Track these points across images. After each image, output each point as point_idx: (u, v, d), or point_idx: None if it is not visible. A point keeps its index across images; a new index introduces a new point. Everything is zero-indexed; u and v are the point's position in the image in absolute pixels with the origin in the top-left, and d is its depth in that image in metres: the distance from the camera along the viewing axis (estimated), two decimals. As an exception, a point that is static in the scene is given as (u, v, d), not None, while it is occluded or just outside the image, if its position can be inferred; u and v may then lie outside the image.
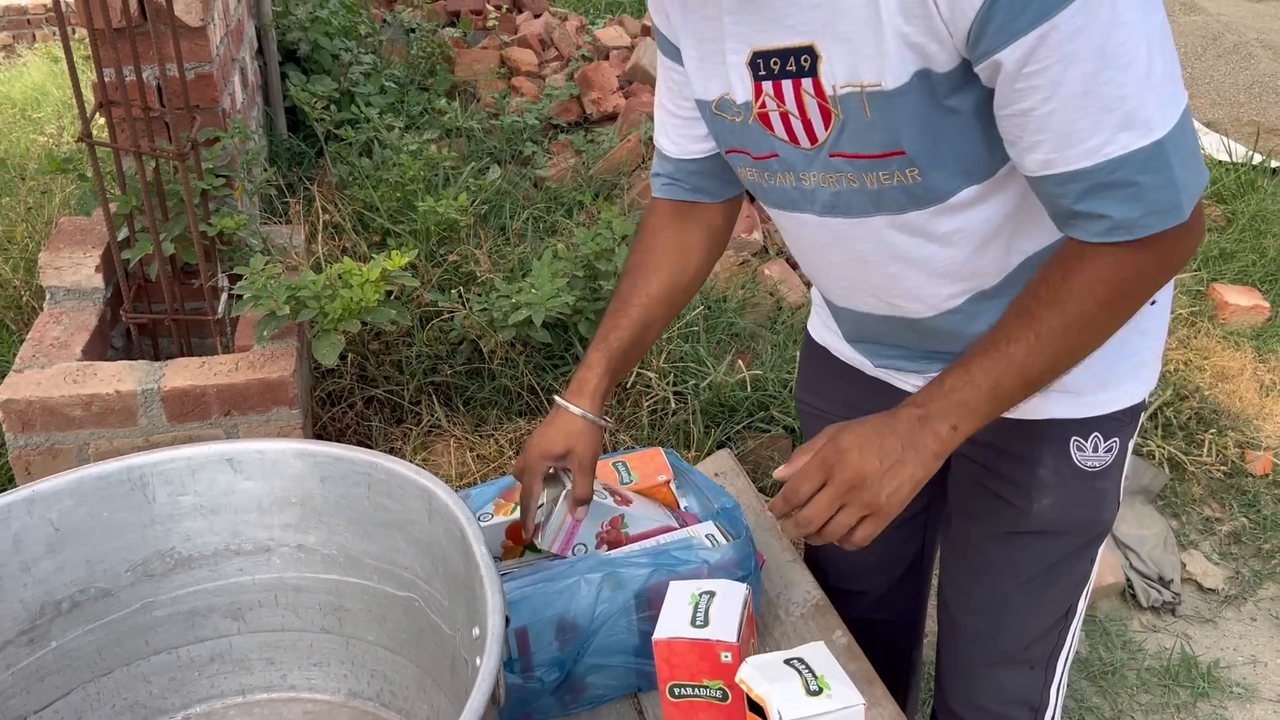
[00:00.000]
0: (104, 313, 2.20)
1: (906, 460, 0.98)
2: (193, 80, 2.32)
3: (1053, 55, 0.84)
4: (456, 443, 2.32)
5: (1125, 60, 0.84)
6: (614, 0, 5.75)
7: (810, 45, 0.97)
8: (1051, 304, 0.96)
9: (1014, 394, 0.99)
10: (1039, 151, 0.91)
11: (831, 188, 1.05)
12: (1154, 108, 0.86)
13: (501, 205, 3.28)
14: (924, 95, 0.93)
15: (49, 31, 6.29)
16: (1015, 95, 0.89)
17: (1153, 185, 0.89)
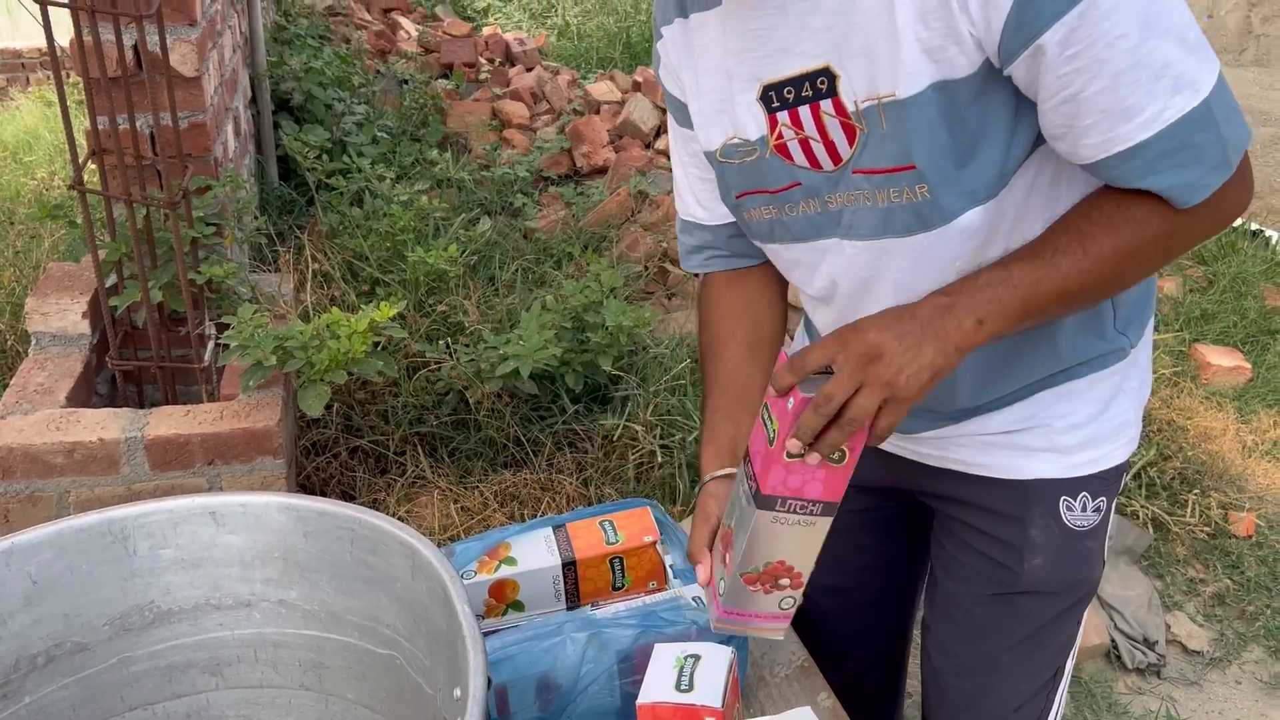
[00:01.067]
0: (89, 359, 2.19)
1: (926, 343, 0.94)
2: (186, 129, 2.34)
3: (1094, 32, 0.85)
4: (441, 494, 2.31)
5: (1164, 26, 0.86)
6: (605, 56, 5.83)
7: (826, 67, 0.97)
8: (1105, 226, 0.96)
9: (1047, 305, 0.97)
10: (1093, 135, 0.91)
11: (849, 207, 1.04)
12: (1197, 68, 0.88)
13: (491, 256, 3.30)
14: (939, 108, 0.93)
15: (43, 75, 6.33)
16: (1060, 81, 0.88)
17: (1207, 143, 0.90)
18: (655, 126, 4.48)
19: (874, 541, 1.40)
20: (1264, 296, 3.81)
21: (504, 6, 6.74)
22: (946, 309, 0.96)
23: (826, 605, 1.44)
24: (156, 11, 2.06)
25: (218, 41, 2.69)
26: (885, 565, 1.43)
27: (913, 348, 0.94)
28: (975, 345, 0.96)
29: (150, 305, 2.14)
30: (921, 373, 0.94)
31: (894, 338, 0.94)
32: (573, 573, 1.30)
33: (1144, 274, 1.00)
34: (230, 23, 3.05)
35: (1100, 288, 0.99)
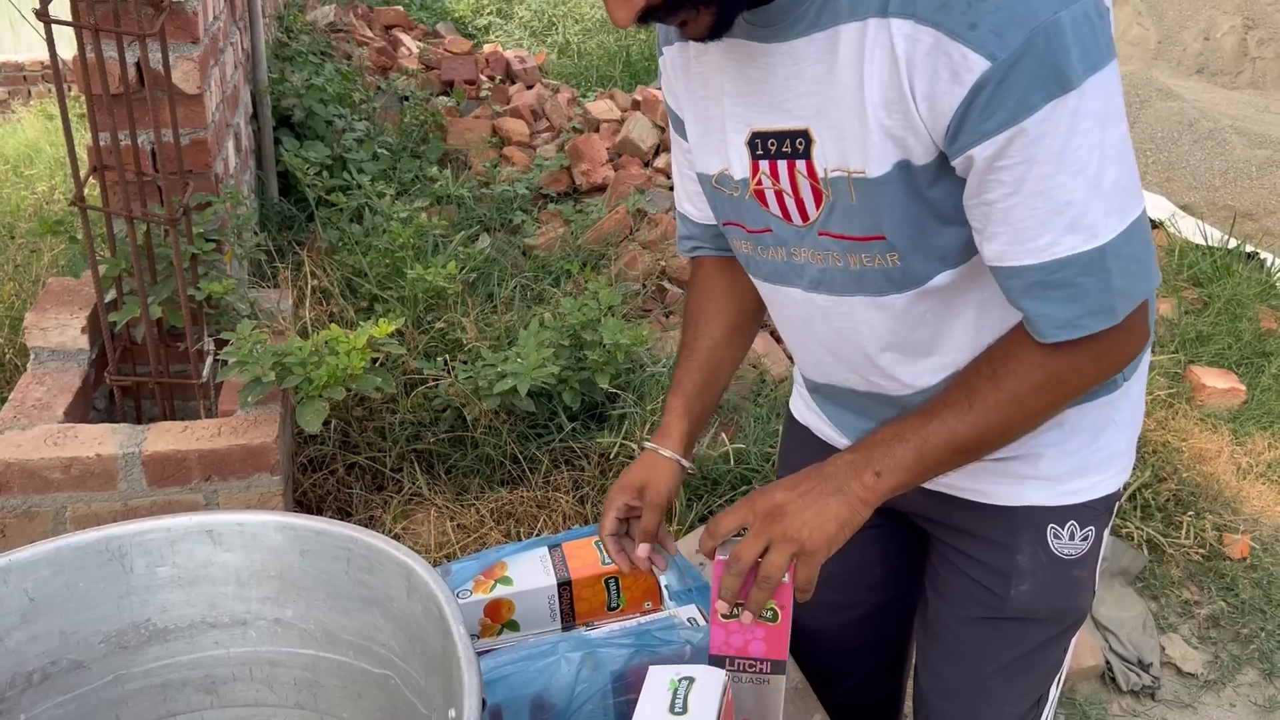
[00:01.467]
0: (88, 374, 2.20)
1: (828, 497, 1.02)
2: (187, 145, 2.35)
3: (1018, 155, 0.90)
4: (437, 511, 2.31)
5: (1077, 168, 0.89)
6: (605, 74, 5.86)
7: (805, 129, 1.01)
8: (989, 379, 1.02)
9: (940, 456, 1.03)
10: (996, 242, 0.96)
11: (819, 264, 1.09)
12: (1099, 215, 0.91)
13: (490, 273, 3.31)
14: (905, 185, 0.97)
15: (45, 89, 6.35)
16: (983, 186, 0.93)
17: (1091, 288, 0.94)
18: (654, 145, 4.50)
19: (873, 560, 1.41)
20: (1259, 319, 3.83)
21: (505, 24, 6.78)
22: (850, 465, 1.03)
23: (824, 622, 1.44)
24: (160, 30, 2.07)
25: (220, 59, 2.71)
26: (884, 584, 1.44)
27: (815, 503, 1.02)
28: (880, 495, 1.03)
29: (149, 321, 2.15)
30: (826, 525, 1.01)
31: (797, 496, 1.03)
32: (568, 593, 1.31)
33: (1034, 423, 1.04)
34: (232, 40, 3.06)
35: (992, 435, 1.03)
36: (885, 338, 1.11)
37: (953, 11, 0.86)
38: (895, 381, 1.15)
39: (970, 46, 0.86)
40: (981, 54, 0.86)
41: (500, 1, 6.98)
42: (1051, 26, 0.85)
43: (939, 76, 0.89)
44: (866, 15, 0.92)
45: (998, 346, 1.04)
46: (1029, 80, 0.86)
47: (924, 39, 0.88)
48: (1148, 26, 8.26)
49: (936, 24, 0.87)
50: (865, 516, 1.03)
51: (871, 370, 1.15)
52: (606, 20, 6.50)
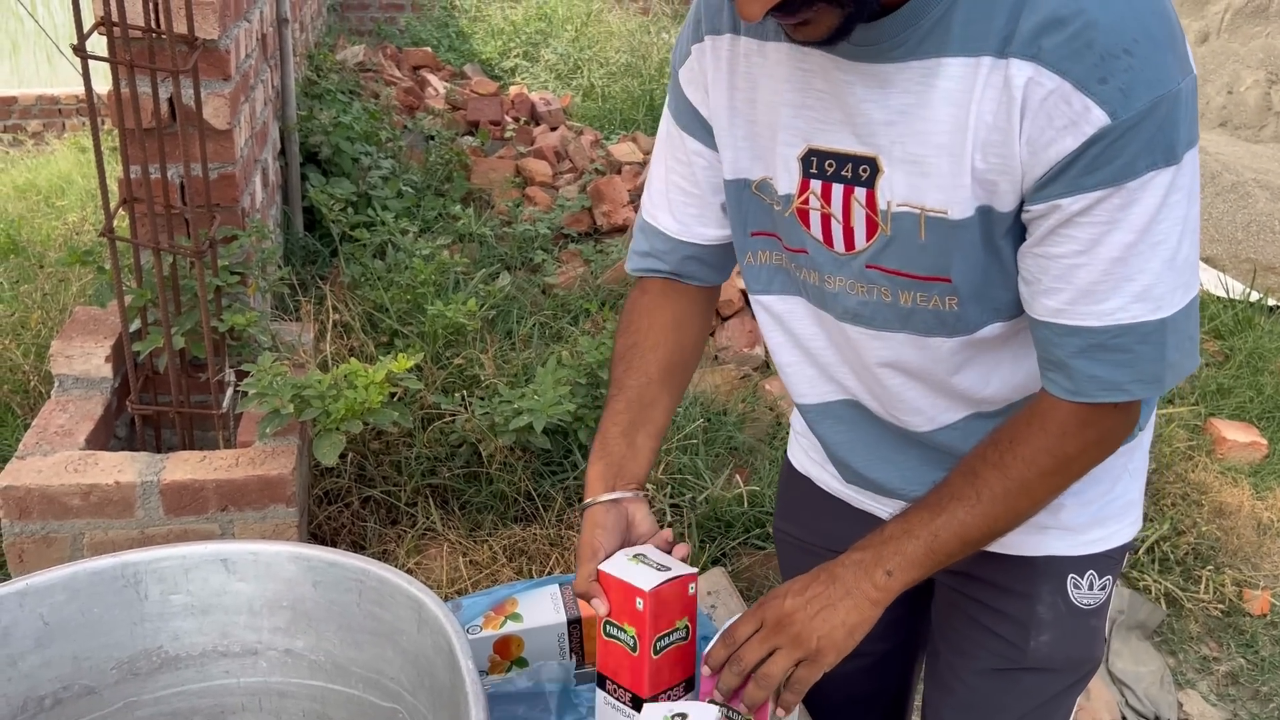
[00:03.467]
0: (110, 402, 2.22)
1: (838, 603, 1.01)
2: (215, 180, 2.39)
3: (1103, 216, 0.90)
4: (450, 547, 2.31)
5: (1159, 239, 0.90)
6: (629, 117, 5.92)
7: (874, 157, 0.98)
8: (996, 467, 1.00)
9: (951, 549, 1.01)
10: (1054, 298, 0.95)
11: (860, 296, 1.06)
12: (1168, 289, 0.92)
13: (509, 311, 3.34)
14: (982, 231, 0.97)
15: (78, 121, 6.47)
16: (1053, 238, 0.92)
17: (1146, 356, 0.94)
18: (676, 187, 4.53)
19: None
20: (1280, 372, 3.80)
21: (531, 67, 6.87)
22: (859, 565, 1.02)
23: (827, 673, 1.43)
24: (193, 67, 2.12)
25: (250, 95, 2.76)
26: (888, 633, 1.41)
27: (824, 609, 1.01)
28: (892, 595, 1.02)
29: (172, 351, 2.17)
30: (835, 633, 1.01)
31: (806, 602, 1.02)
32: (578, 631, 1.31)
33: (1038, 507, 1.03)
34: (263, 77, 3.12)
35: (1000, 524, 1.02)
36: (918, 374, 1.10)
37: (1083, 63, 0.86)
38: (919, 417, 1.14)
39: (1095, 100, 0.86)
40: (1105, 109, 0.86)
41: (527, 45, 7.08)
42: (1173, 97, 0.86)
43: (1053, 123, 0.88)
44: (980, 53, 0.90)
45: (1003, 432, 1.02)
46: (1141, 145, 0.87)
47: (1046, 84, 0.87)
48: (1170, 79, 8.26)
49: (1063, 72, 0.86)
50: (876, 618, 1.02)
51: (894, 404, 1.14)
52: (631, 65, 6.58)
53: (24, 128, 6.33)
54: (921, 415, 1.14)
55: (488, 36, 7.24)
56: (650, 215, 1.22)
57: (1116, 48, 0.85)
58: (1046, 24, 0.86)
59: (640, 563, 1.14)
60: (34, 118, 6.45)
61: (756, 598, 2.37)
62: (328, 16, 6.84)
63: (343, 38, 6.37)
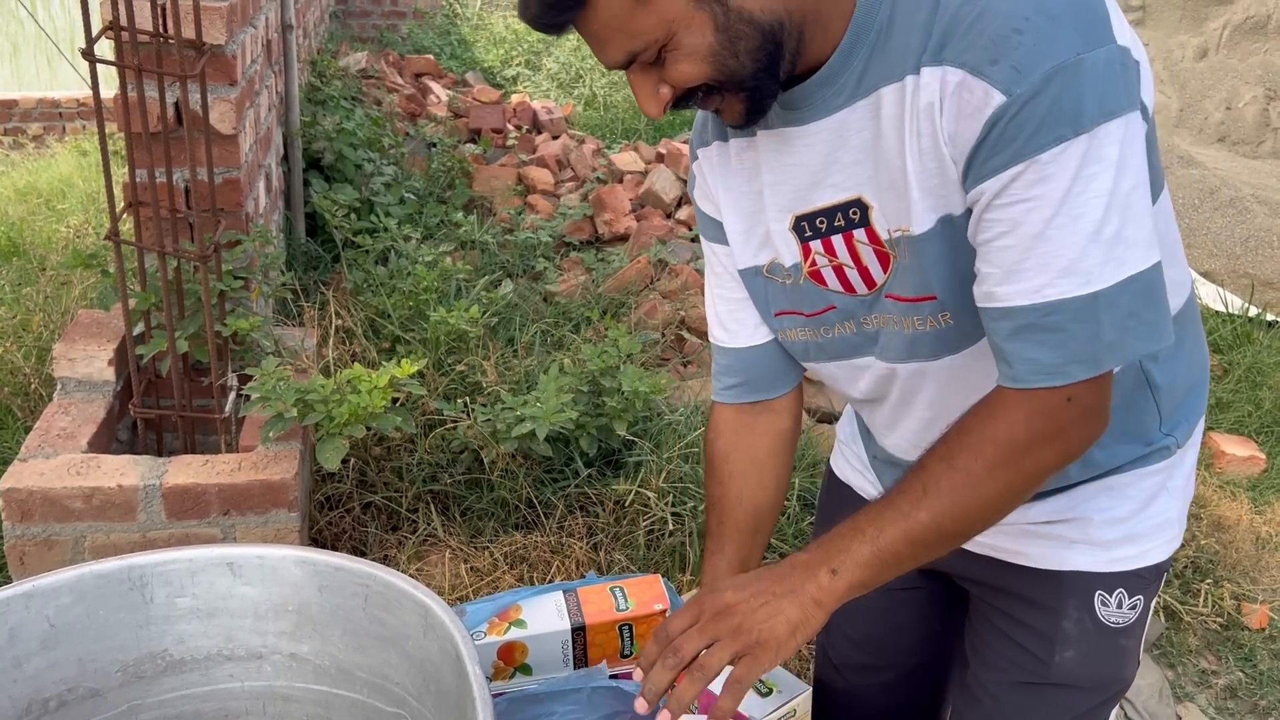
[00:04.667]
0: (112, 406, 2.22)
1: (782, 599, 0.97)
2: (220, 184, 2.39)
3: (1020, 194, 0.90)
4: (451, 554, 2.31)
5: (1079, 212, 0.89)
6: (630, 127, 5.93)
7: (858, 198, 1.02)
8: (943, 459, 0.97)
9: (898, 549, 0.97)
10: (986, 283, 0.95)
11: (885, 329, 1.09)
12: (1096, 263, 0.90)
13: (511, 318, 3.34)
14: (947, 239, 0.98)
15: (80, 125, 6.47)
16: (982, 225, 0.93)
17: (1079, 336, 0.91)
18: (677, 197, 4.54)
19: (911, 622, 1.39)
20: (1279, 387, 3.81)
21: (533, 75, 6.89)
22: (804, 565, 0.99)
23: (857, 684, 1.42)
24: (200, 72, 2.12)
25: (255, 101, 2.77)
26: (920, 646, 1.41)
27: (767, 604, 0.97)
28: (837, 596, 0.97)
29: (175, 355, 2.17)
30: (776, 628, 0.96)
31: (749, 596, 0.98)
32: (582, 638, 1.31)
33: (992, 510, 0.98)
34: (267, 83, 3.13)
35: (948, 526, 0.97)
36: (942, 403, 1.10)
37: (976, 50, 0.88)
38: None
39: (990, 81, 0.88)
40: (999, 89, 0.87)
41: (529, 53, 7.10)
42: (1072, 67, 0.86)
43: (962, 113, 0.90)
44: (904, 74, 0.94)
45: (953, 427, 1.00)
46: (1041, 118, 0.87)
47: (950, 79, 0.90)
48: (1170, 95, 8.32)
49: (962, 64, 0.89)
50: (820, 620, 0.97)
51: (924, 438, 1.13)
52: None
53: (24, 131, 6.33)
54: None
55: (490, 45, 7.26)
56: (713, 337, 1.26)
57: (1007, 29, 0.87)
58: (947, 28, 0.90)
59: None
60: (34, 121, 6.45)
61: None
62: (330, 23, 6.85)
63: (345, 44, 6.38)
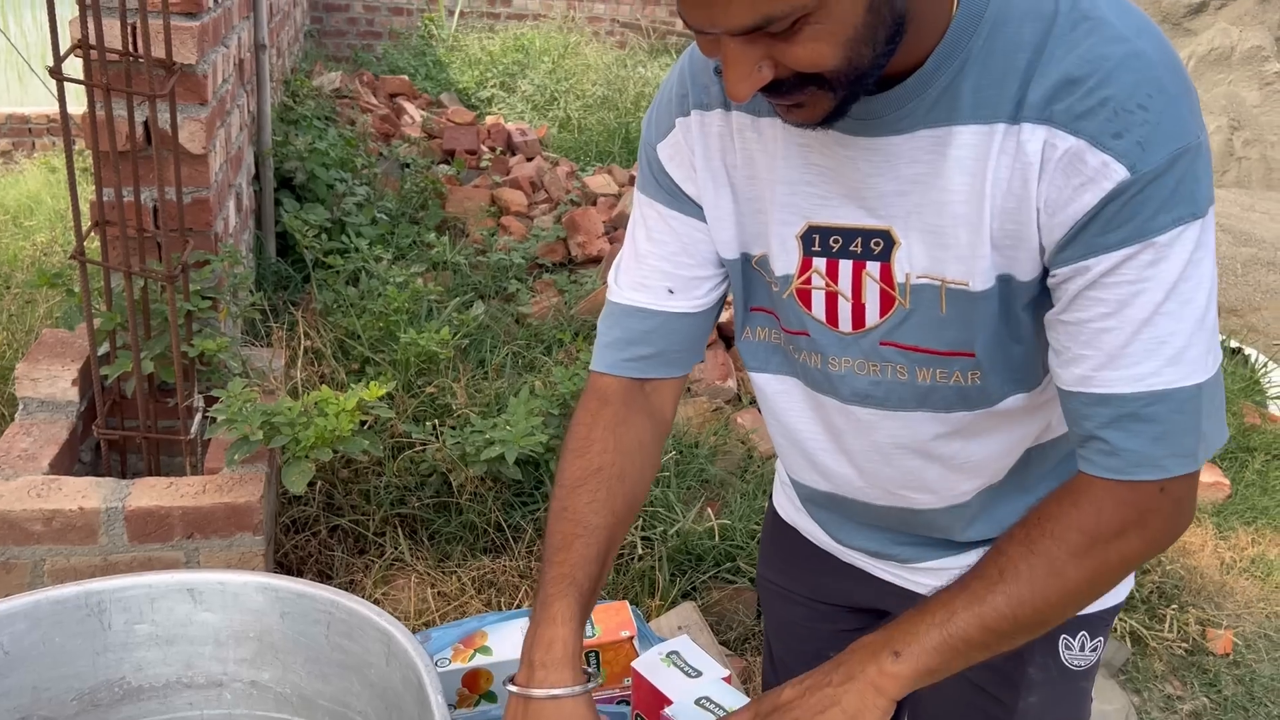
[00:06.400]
0: (76, 426, 2.20)
1: (839, 687, 0.91)
2: (189, 204, 2.38)
3: (1130, 274, 0.85)
4: (418, 578, 2.29)
5: (1188, 298, 0.85)
6: (604, 150, 5.95)
7: (887, 229, 0.94)
8: (1023, 543, 0.91)
9: (969, 635, 0.90)
10: (1082, 365, 0.89)
11: (871, 376, 1.01)
12: (1201, 352, 0.86)
13: (483, 339, 3.33)
14: (1002, 301, 0.92)
15: (49, 141, 6.42)
16: (1078, 303, 0.88)
17: (1181, 428, 0.87)
18: (650, 220, 4.55)
19: None
20: (1243, 414, 3.86)
21: (508, 97, 6.90)
22: (866, 647, 0.92)
23: None
24: (170, 91, 2.11)
25: (226, 120, 2.75)
26: None
27: (823, 694, 0.91)
28: (900, 682, 0.90)
29: (141, 376, 2.15)
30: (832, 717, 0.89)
31: (804, 690, 0.92)
32: (548, 665, 1.30)
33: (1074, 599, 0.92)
34: (239, 102, 3.12)
35: (1026, 614, 0.90)
36: (935, 453, 1.05)
37: (1096, 119, 0.82)
38: (931, 495, 1.10)
39: (1112, 154, 0.82)
40: (1123, 163, 0.82)
41: (504, 75, 7.12)
42: (1194, 150, 0.83)
43: (1070, 183, 0.84)
44: (994, 120, 0.86)
45: (1034, 510, 0.93)
46: (1164, 199, 0.82)
47: (1060, 144, 0.84)
48: (1136, 123, 8.44)
49: (1077, 130, 0.83)
50: (883, 708, 0.90)
51: (906, 485, 1.09)
52: (608, 98, 6.63)
53: (-7, 146, 6.27)
54: (933, 494, 1.10)
55: (465, 66, 7.27)
56: (622, 295, 1.10)
57: (1130, 103, 0.81)
58: (1059, 86, 0.83)
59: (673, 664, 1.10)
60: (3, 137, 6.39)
61: (727, 631, 2.37)
62: (305, 42, 6.85)
63: (320, 64, 6.38)
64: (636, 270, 1.09)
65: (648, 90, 6.60)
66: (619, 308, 1.10)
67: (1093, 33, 0.83)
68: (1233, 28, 9.00)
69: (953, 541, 1.15)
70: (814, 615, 1.31)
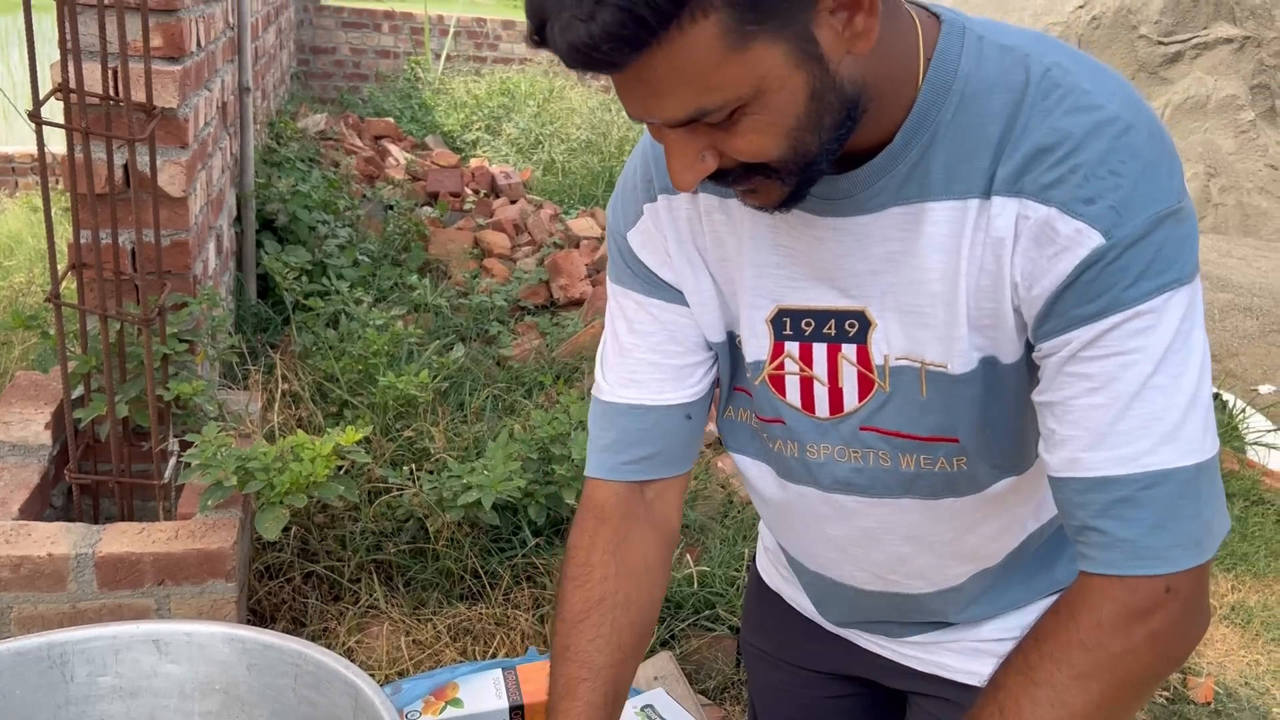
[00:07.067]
0: (47, 471, 2.17)
1: None
2: (168, 247, 2.37)
3: (1114, 347, 0.80)
4: (393, 626, 2.26)
5: (1179, 371, 0.79)
6: (588, 193, 5.99)
7: (862, 310, 0.90)
8: (1021, 672, 0.84)
9: None
10: (1069, 447, 0.82)
11: (853, 463, 0.96)
12: (1198, 429, 0.80)
13: (462, 382, 3.32)
14: (986, 384, 0.88)
15: (33, 180, 6.41)
16: (1062, 380, 0.83)
17: (1183, 513, 0.80)
18: (632, 263, 4.58)
19: None
20: (1222, 460, 3.87)
21: (492, 140, 6.95)
22: None
23: None
24: (150, 135, 2.11)
25: (207, 163, 2.76)
26: None
27: None
28: None
29: (115, 419, 2.13)
30: None
31: None
32: (520, 718, 1.28)
33: None
34: (222, 144, 3.13)
35: None
36: (925, 538, 1.01)
37: (1066, 186, 0.79)
38: (922, 580, 1.06)
39: (1085, 220, 0.78)
40: (1097, 228, 0.78)
41: (489, 119, 7.17)
42: (1175, 214, 0.78)
43: (1044, 253, 0.80)
44: (968, 195, 0.83)
45: (1031, 631, 0.86)
46: (1145, 265, 0.78)
47: (1031, 215, 0.80)
48: (1114, 170, 8.56)
49: (1047, 200, 0.79)
50: None
51: (896, 570, 1.06)
52: (592, 141, 6.68)
53: (-24, 186, 6.26)
54: (924, 579, 1.06)
55: (450, 109, 7.32)
56: (614, 395, 1.04)
57: (1102, 169, 0.78)
58: (1030, 157, 0.80)
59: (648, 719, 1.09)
60: (-14, 176, 6.38)
61: (706, 680, 2.34)
62: (291, 84, 6.89)
63: (305, 105, 6.41)
64: (623, 365, 1.03)
65: (631, 134, 6.65)
66: (610, 407, 1.04)
67: (1064, 100, 0.80)
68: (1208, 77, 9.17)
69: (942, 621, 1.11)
70: (800, 681, 1.28)
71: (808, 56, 0.74)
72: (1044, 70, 0.81)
